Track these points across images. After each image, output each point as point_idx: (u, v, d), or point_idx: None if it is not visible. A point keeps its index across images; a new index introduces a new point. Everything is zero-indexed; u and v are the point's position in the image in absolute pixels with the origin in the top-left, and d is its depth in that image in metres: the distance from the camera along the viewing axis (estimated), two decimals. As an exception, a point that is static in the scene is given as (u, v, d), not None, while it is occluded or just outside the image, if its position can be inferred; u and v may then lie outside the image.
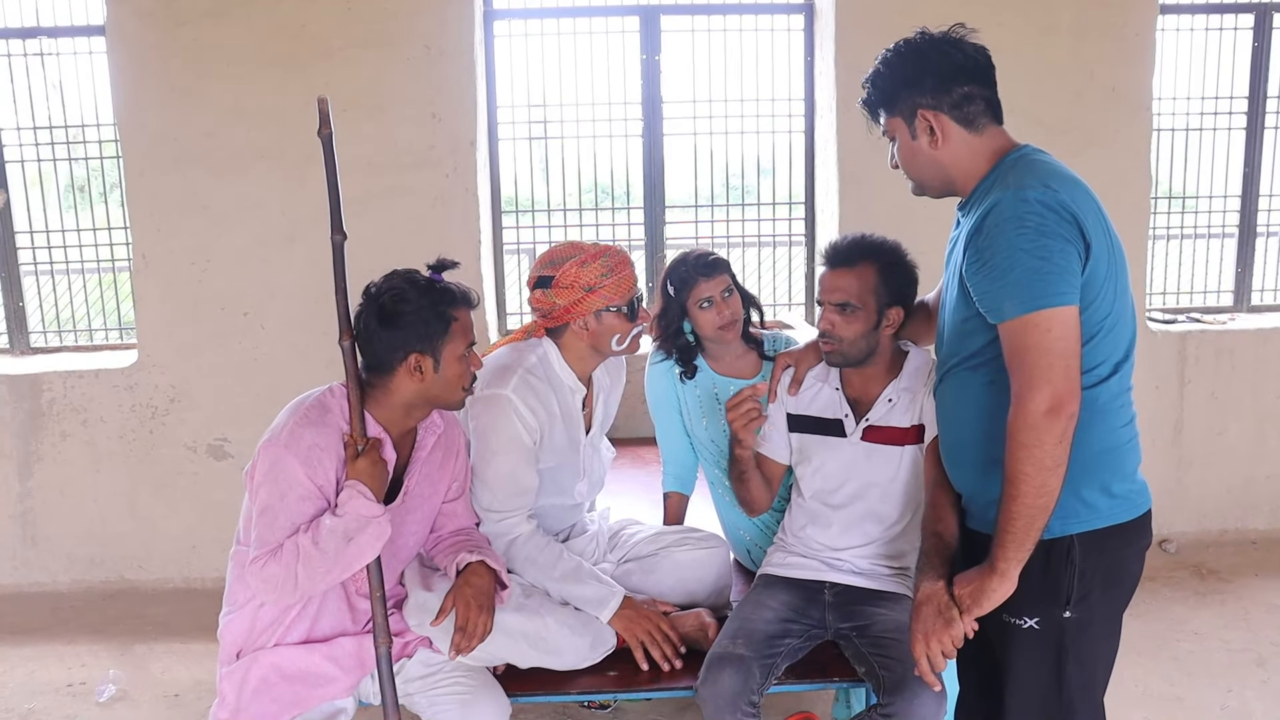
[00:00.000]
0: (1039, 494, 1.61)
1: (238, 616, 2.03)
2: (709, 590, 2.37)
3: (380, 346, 1.94)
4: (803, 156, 4.19)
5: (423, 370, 1.95)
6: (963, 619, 1.73)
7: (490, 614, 2.00)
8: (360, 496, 1.88)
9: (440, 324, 1.95)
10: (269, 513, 1.88)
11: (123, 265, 4.11)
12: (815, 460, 2.24)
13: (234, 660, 2.02)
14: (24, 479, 3.94)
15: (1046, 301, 1.58)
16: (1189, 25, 4.16)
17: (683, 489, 2.69)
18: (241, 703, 1.99)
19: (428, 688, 2.05)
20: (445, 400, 2.03)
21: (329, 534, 1.86)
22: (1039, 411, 1.58)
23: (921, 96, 1.76)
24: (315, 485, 1.89)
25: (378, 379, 1.98)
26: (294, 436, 1.90)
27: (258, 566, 1.87)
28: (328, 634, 2.04)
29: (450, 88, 3.78)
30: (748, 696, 1.98)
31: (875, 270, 2.09)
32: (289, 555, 1.86)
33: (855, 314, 2.09)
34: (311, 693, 2.01)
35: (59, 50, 3.99)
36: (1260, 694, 3.00)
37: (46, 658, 3.44)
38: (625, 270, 2.21)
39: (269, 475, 1.89)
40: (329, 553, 1.86)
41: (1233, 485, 4.17)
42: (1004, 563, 1.66)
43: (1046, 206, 1.60)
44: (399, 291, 1.94)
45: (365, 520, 1.87)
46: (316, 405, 1.96)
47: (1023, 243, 1.59)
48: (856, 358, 2.13)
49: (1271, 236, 4.36)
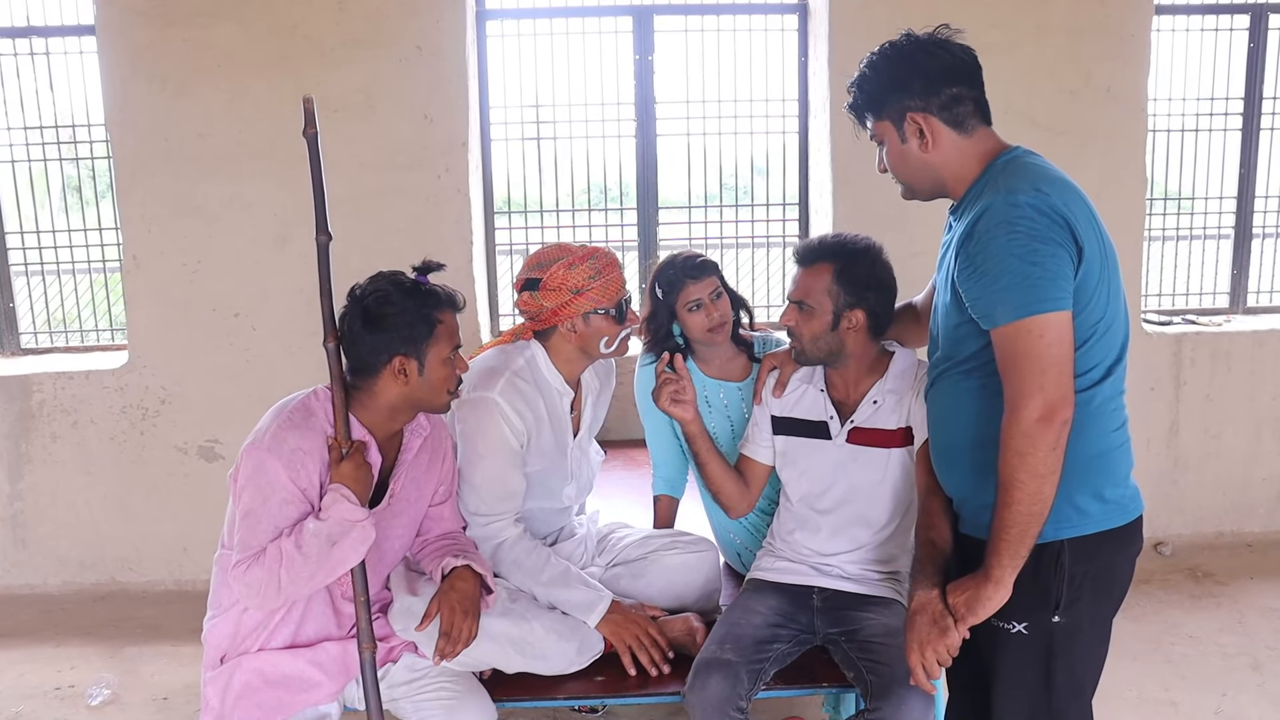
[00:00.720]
0: (1033, 501, 1.60)
1: (222, 621, 2.01)
2: (698, 594, 2.35)
3: (364, 349, 1.93)
4: (796, 157, 4.18)
5: (407, 373, 1.94)
6: (957, 628, 1.72)
7: (475, 619, 1.99)
8: (344, 500, 1.86)
9: (425, 327, 1.94)
10: (251, 516, 1.86)
11: (114, 266, 4.10)
12: (801, 464, 2.23)
13: (218, 665, 2.01)
14: (14, 481, 3.92)
15: (1039, 307, 1.57)
16: (1184, 26, 4.15)
17: (673, 492, 2.68)
18: (225, 708, 1.97)
19: (413, 693, 2.04)
20: (430, 403, 2.01)
21: (312, 538, 1.84)
22: (1032, 418, 1.57)
23: (910, 99, 1.74)
24: (298, 489, 1.88)
25: (362, 381, 1.97)
26: (277, 439, 1.88)
27: (240, 571, 1.85)
28: (312, 638, 2.02)
29: (443, 88, 3.76)
30: (735, 702, 1.96)
31: (831, 271, 2.07)
32: (272, 560, 1.84)
33: (811, 313, 2.08)
34: (295, 698, 1.99)
35: (50, 50, 3.97)
36: (1255, 698, 2.98)
37: (36, 660, 3.43)
38: (613, 272, 2.20)
39: (251, 478, 1.87)
40: (312, 557, 1.84)
41: (1228, 488, 4.15)
42: (999, 570, 1.65)
43: (1038, 210, 1.58)
44: (384, 294, 1.92)
45: (349, 524, 1.86)
46: (300, 408, 1.95)
47: (1014, 248, 1.57)
48: (818, 357, 2.13)
49: (1267, 238, 4.35)
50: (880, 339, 2.17)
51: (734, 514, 2.38)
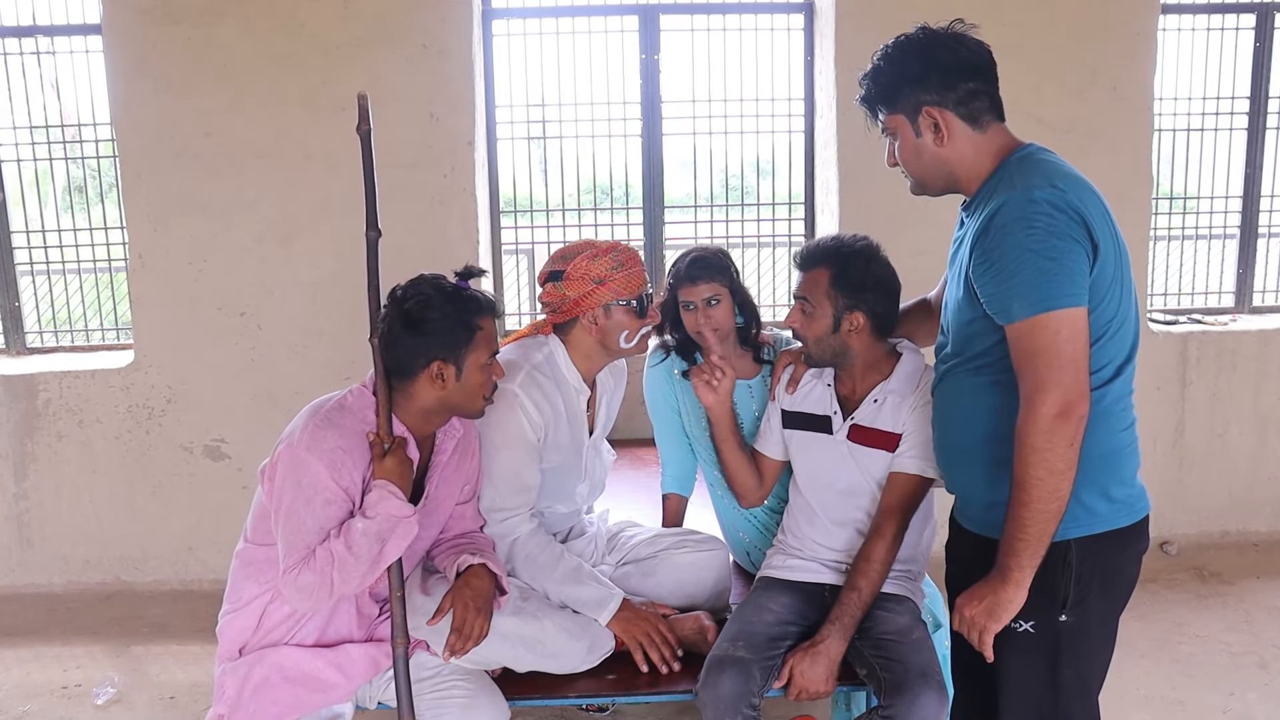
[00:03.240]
0: (1051, 498, 1.59)
1: (242, 614, 2.01)
2: (708, 593, 2.35)
3: (403, 352, 1.93)
4: (802, 156, 4.18)
5: (445, 378, 1.94)
6: (982, 640, 1.69)
7: (488, 618, 1.99)
8: (391, 497, 1.87)
9: (465, 332, 1.94)
10: (294, 518, 1.86)
11: (119, 265, 4.10)
12: (805, 456, 2.24)
13: (236, 656, 2.01)
14: (19, 480, 3.92)
15: (1056, 303, 1.56)
16: (1190, 25, 4.15)
17: (682, 490, 2.67)
18: (242, 700, 1.97)
19: (425, 691, 2.03)
20: (465, 408, 2.02)
21: (362, 537, 1.85)
22: (1050, 415, 1.56)
23: (926, 93, 1.73)
24: (341, 488, 1.88)
25: (399, 383, 1.97)
26: (316, 440, 1.88)
27: (292, 576, 1.85)
28: (333, 639, 2.03)
29: (448, 87, 3.76)
30: (748, 699, 1.96)
31: (829, 274, 2.07)
32: (323, 562, 1.85)
33: (812, 316, 2.09)
34: (313, 697, 2.00)
35: (55, 49, 3.97)
36: (1263, 697, 2.98)
37: (42, 659, 3.42)
38: (635, 266, 2.22)
39: (292, 480, 1.86)
40: (364, 556, 1.85)
41: (1234, 487, 4.15)
42: (1019, 571, 1.63)
43: (1055, 207, 1.58)
44: (425, 298, 1.92)
45: (397, 521, 1.87)
46: (336, 407, 1.95)
47: (1031, 243, 1.57)
48: (824, 358, 2.14)
49: (1273, 237, 4.35)
50: (887, 337, 2.16)
51: (745, 503, 2.40)
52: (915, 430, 2.09)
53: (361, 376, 2.07)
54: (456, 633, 1.96)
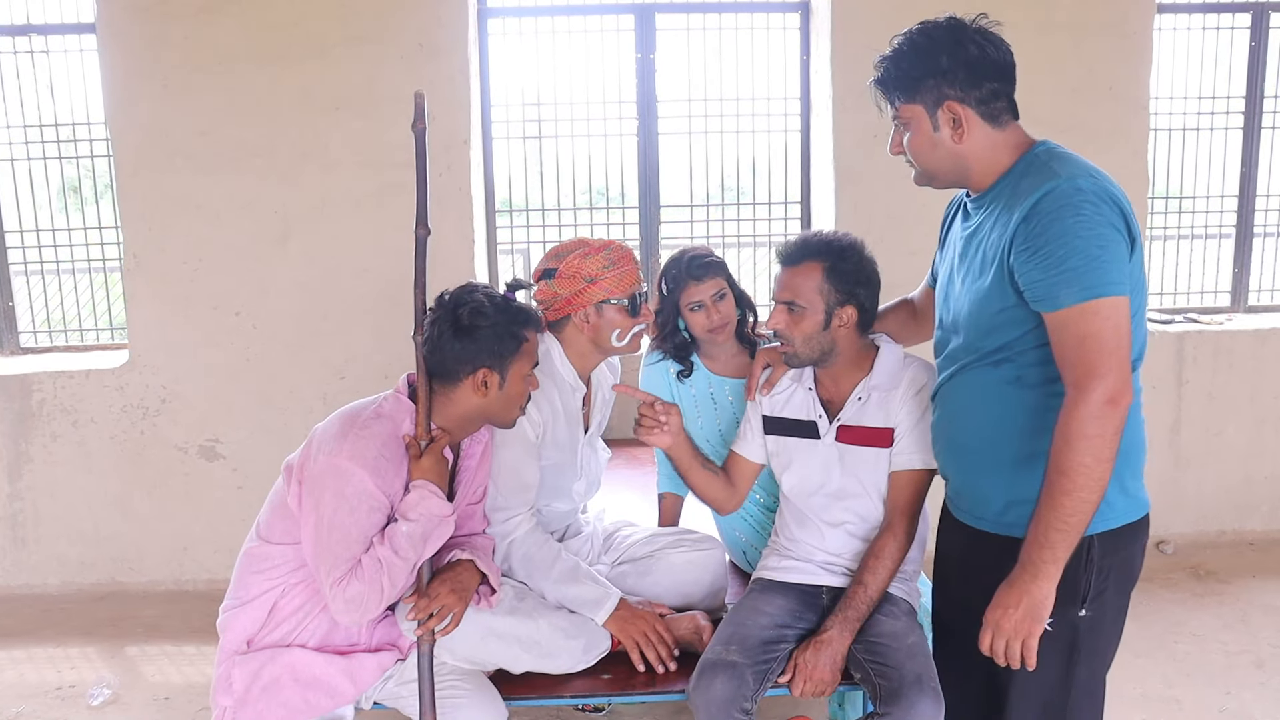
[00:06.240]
0: (1095, 487, 1.56)
1: (249, 607, 2.00)
2: (704, 592, 2.35)
3: (450, 356, 1.94)
4: (798, 156, 4.17)
5: (488, 386, 1.95)
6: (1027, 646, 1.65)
7: (464, 604, 1.97)
8: (432, 496, 1.89)
9: (513, 343, 1.96)
10: (339, 530, 1.85)
11: (114, 265, 4.09)
12: (793, 463, 2.21)
13: (245, 649, 2.00)
14: (13, 480, 3.91)
15: (1106, 290, 1.54)
16: (1186, 24, 4.15)
17: (678, 490, 2.67)
18: (250, 695, 1.97)
19: (422, 691, 2.03)
20: (501, 418, 2.03)
21: (406, 539, 1.87)
22: (1101, 401, 1.54)
23: (950, 88, 1.70)
24: (384, 495, 1.89)
25: (439, 386, 1.98)
26: (359, 450, 1.87)
27: (341, 589, 1.85)
28: (340, 643, 2.03)
29: (444, 86, 3.75)
30: (740, 704, 1.95)
31: (821, 269, 2.04)
32: (371, 570, 1.85)
33: (802, 314, 2.06)
34: (321, 701, 2.00)
35: (50, 48, 3.96)
36: (1259, 695, 2.98)
37: (37, 660, 3.41)
38: (628, 264, 2.22)
39: (333, 490, 1.86)
40: (410, 559, 1.87)
41: (1230, 486, 4.16)
42: (1053, 564, 1.59)
43: (1099, 197, 1.57)
44: (478, 305, 1.94)
45: (439, 520, 1.89)
46: (374, 416, 1.95)
47: (1081, 230, 1.55)
48: (810, 358, 2.10)
49: (1269, 236, 4.36)
50: (867, 333, 2.15)
51: (723, 512, 2.40)
52: (909, 423, 2.08)
53: (357, 376, 2.06)
54: (424, 597, 1.93)
